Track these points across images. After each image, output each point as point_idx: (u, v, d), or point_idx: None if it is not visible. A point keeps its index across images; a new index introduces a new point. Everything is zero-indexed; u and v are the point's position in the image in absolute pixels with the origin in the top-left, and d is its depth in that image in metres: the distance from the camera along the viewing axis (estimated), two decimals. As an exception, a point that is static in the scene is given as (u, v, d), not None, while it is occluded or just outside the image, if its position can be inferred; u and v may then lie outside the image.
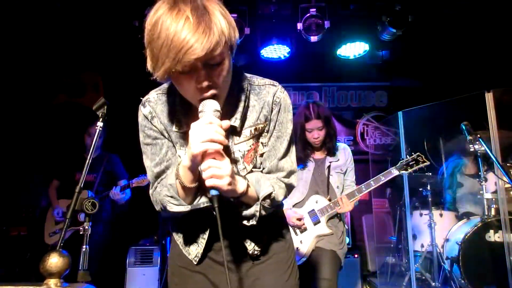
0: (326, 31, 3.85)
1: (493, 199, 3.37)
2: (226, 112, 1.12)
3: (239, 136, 1.17)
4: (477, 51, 4.35)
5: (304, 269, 2.44)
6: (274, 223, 1.32)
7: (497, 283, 3.07)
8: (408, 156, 2.53)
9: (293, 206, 2.58)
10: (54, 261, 0.85)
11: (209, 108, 1.00)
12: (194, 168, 1.05)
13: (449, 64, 4.66)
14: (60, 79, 5.00)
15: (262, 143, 1.21)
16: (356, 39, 4.34)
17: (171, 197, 1.11)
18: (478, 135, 2.76)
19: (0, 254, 3.80)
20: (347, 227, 2.66)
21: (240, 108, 1.15)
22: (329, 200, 2.50)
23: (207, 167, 0.98)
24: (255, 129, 1.18)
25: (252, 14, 3.97)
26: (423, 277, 3.73)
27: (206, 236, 1.23)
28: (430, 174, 3.80)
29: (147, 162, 1.22)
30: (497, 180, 3.27)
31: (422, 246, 3.87)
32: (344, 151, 2.64)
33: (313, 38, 3.90)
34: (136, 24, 3.84)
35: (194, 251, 1.25)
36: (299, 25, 3.87)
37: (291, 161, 1.25)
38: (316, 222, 2.48)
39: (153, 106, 1.19)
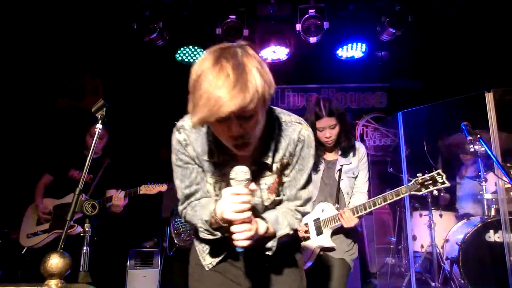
0: (325, 32, 3.86)
1: (493, 199, 3.37)
2: (259, 151, 1.25)
3: (269, 171, 1.30)
4: (477, 51, 4.36)
5: (311, 276, 2.31)
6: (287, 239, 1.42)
7: (497, 283, 3.06)
8: (426, 173, 2.17)
9: None
10: (55, 262, 0.85)
11: (240, 177, 1.12)
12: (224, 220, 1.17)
13: (449, 65, 4.67)
14: (60, 83, 5.00)
15: (284, 174, 1.32)
16: (355, 40, 4.36)
17: (206, 230, 1.26)
18: (479, 135, 2.76)
19: (1, 257, 3.78)
20: (360, 229, 2.49)
21: (272, 147, 1.27)
22: (337, 209, 2.33)
23: (237, 231, 1.12)
24: (281, 164, 1.29)
25: (251, 15, 3.98)
26: (423, 278, 3.73)
27: (223, 253, 1.38)
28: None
29: (177, 182, 1.34)
30: (497, 180, 3.27)
31: (422, 246, 3.87)
32: (358, 152, 2.42)
33: (312, 39, 3.91)
34: (134, 26, 3.85)
35: (209, 259, 1.40)
36: (298, 26, 3.88)
37: (308, 190, 1.38)
38: (319, 233, 2.32)
39: (188, 134, 1.28)
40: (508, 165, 3.26)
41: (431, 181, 2.12)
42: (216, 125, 1.09)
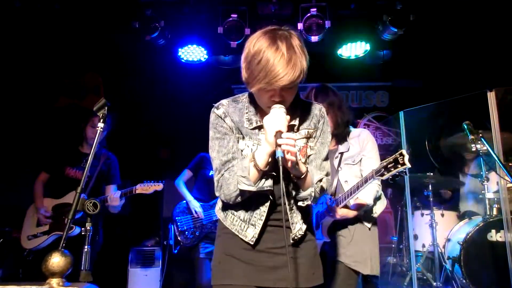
0: (327, 31, 3.85)
1: (495, 199, 3.37)
2: (289, 112, 1.44)
3: (296, 133, 1.50)
4: (479, 50, 4.34)
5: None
6: (309, 221, 1.59)
7: (498, 283, 3.06)
8: (387, 156, 1.90)
9: None
10: (56, 260, 0.86)
11: (278, 106, 1.35)
12: (269, 151, 1.34)
13: (451, 64, 4.65)
14: (61, 81, 5.00)
15: (310, 146, 1.52)
16: (357, 39, 4.33)
17: (244, 177, 1.37)
18: (480, 135, 2.75)
19: (2, 256, 3.78)
20: (369, 226, 2.26)
21: (297, 114, 1.51)
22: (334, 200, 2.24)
23: (285, 138, 1.28)
24: (308, 132, 1.52)
25: (252, 14, 3.97)
26: (424, 277, 3.73)
27: (263, 218, 1.45)
28: (432, 174, 3.79)
29: (214, 154, 1.48)
30: (499, 180, 3.26)
31: (424, 246, 3.87)
32: (358, 139, 2.27)
33: (314, 38, 3.90)
34: (136, 25, 3.85)
35: (251, 233, 1.46)
36: (300, 25, 3.87)
37: (328, 163, 1.58)
38: (317, 226, 2.26)
39: (226, 108, 1.50)
40: (510, 164, 3.24)
41: (393, 163, 1.83)
42: (262, 92, 1.34)
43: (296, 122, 1.50)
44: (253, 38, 1.36)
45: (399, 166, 1.80)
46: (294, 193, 1.48)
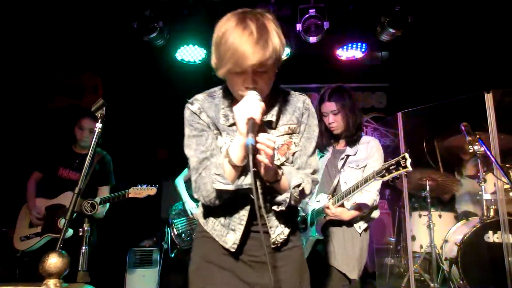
0: (325, 32, 3.86)
1: (492, 200, 3.37)
2: (266, 110, 1.33)
3: (275, 130, 1.38)
4: (476, 52, 4.36)
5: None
6: (293, 224, 1.47)
7: (495, 284, 3.06)
8: (390, 159, 2.00)
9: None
10: (54, 261, 0.85)
11: (251, 92, 1.23)
12: (243, 143, 1.20)
13: (449, 65, 4.67)
14: (58, 81, 4.98)
15: (294, 142, 1.40)
16: (355, 40, 4.35)
17: (219, 175, 1.26)
18: (478, 136, 2.76)
19: (-1, 256, 3.76)
20: (360, 232, 2.28)
21: (276, 107, 1.38)
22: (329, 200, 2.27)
23: (264, 138, 1.17)
24: (289, 128, 1.39)
25: (251, 15, 3.97)
26: (422, 278, 3.73)
27: (243, 222, 1.35)
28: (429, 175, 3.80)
29: (190, 152, 1.37)
30: (496, 181, 3.27)
31: (421, 247, 3.87)
32: (367, 146, 2.31)
33: (312, 39, 3.91)
34: (135, 26, 3.84)
35: (232, 238, 1.36)
36: (298, 26, 3.88)
37: (316, 160, 1.46)
38: (312, 223, 2.31)
39: (201, 104, 1.40)
40: (507, 165, 3.26)
41: (395, 166, 1.91)
42: (234, 77, 1.24)
43: (273, 118, 1.37)
44: (222, 20, 1.25)
45: (401, 168, 1.87)
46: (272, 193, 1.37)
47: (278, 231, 1.40)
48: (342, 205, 2.21)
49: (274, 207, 1.36)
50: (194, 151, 1.36)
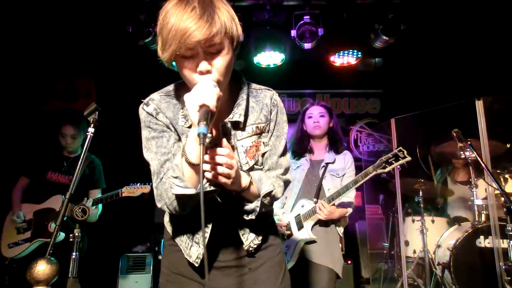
0: (320, 38, 3.89)
1: (484, 205, 3.40)
2: (230, 108, 1.24)
3: (243, 131, 1.26)
4: (468, 59, 4.42)
5: (297, 282, 2.36)
6: (267, 225, 1.38)
7: (487, 288, 3.09)
8: (388, 153, 2.26)
9: (291, 211, 2.52)
10: (42, 268, 0.84)
11: (205, 77, 1.08)
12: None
13: (441, 72, 4.73)
14: (53, 84, 4.96)
15: (263, 142, 1.29)
16: (349, 46, 4.39)
17: (176, 177, 1.11)
18: (469, 142, 2.79)
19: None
20: (341, 235, 2.52)
21: (243, 106, 1.24)
22: (315, 203, 2.42)
23: (218, 154, 1.07)
24: (257, 127, 1.28)
25: (246, 21, 4.00)
26: (415, 283, 3.74)
27: (207, 235, 1.23)
28: (422, 180, 3.83)
29: (151, 155, 1.23)
30: (487, 187, 3.30)
31: (415, 252, 3.89)
32: (344, 156, 2.57)
33: (307, 45, 3.94)
34: (129, 30, 3.85)
35: (195, 252, 1.26)
36: (293, 32, 3.90)
37: (287, 159, 1.38)
38: (300, 227, 2.40)
39: (157, 104, 1.26)
40: (498, 171, 3.29)
41: (393, 158, 2.18)
42: (183, 62, 1.09)
43: (241, 118, 1.23)
44: (165, 4, 1.10)
45: (401, 159, 2.16)
46: (239, 203, 1.26)
47: (251, 237, 1.31)
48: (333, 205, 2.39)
49: (244, 216, 1.26)
50: (154, 153, 1.22)
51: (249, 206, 1.24)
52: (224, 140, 1.13)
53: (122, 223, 4.32)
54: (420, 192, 3.84)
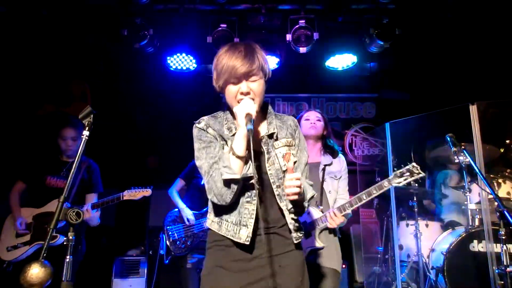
0: (315, 42, 3.92)
1: (477, 210, 3.43)
2: (265, 127, 1.67)
3: (277, 141, 1.65)
4: (462, 65, 4.47)
5: None
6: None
7: (480, 292, 3.10)
8: (402, 167, 2.35)
9: None
10: (35, 272, 0.84)
11: (246, 97, 1.53)
12: (243, 134, 1.46)
13: (435, 77, 4.77)
14: (47, 88, 4.92)
15: (293, 154, 1.65)
16: (344, 51, 4.42)
17: (225, 166, 1.46)
18: (463, 147, 2.81)
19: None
20: (339, 236, 2.59)
21: (274, 122, 1.69)
22: (322, 211, 2.45)
23: (289, 179, 1.44)
24: (287, 141, 1.66)
25: (242, 25, 4.01)
26: (409, 287, 3.76)
27: (253, 217, 1.52)
28: (416, 185, 3.85)
29: (202, 161, 1.57)
30: (480, 191, 3.33)
31: (409, 256, 3.90)
32: (339, 159, 2.66)
33: (302, 49, 3.96)
34: (125, 33, 3.84)
35: (245, 233, 1.52)
36: (288, 36, 3.93)
37: (307, 167, 1.75)
38: (308, 235, 2.41)
39: (207, 121, 1.65)
40: (491, 176, 3.32)
41: (408, 173, 2.29)
42: (230, 87, 1.54)
43: (275, 130, 1.66)
44: (220, 50, 1.59)
45: (415, 174, 2.27)
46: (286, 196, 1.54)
47: (297, 228, 1.61)
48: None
49: (292, 216, 1.59)
50: (205, 159, 1.56)
51: (297, 209, 1.59)
52: (291, 165, 1.53)
53: (117, 227, 4.30)
54: (415, 197, 3.86)
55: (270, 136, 1.65)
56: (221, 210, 1.58)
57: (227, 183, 1.46)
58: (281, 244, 1.58)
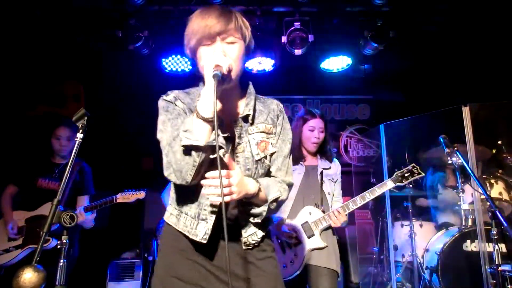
0: (310, 44, 3.93)
1: (470, 210, 3.46)
2: (240, 106, 1.41)
3: (253, 126, 1.40)
4: (455, 67, 4.51)
5: (301, 285, 2.44)
6: (266, 232, 1.44)
7: (474, 291, 3.13)
8: (403, 167, 2.49)
9: (288, 216, 2.53)
10: (28, 276, 0.83)
11: (219, 49, 1.27)
12: (212, 94, 1.14)
13: (429, 79, 4.81)
14: (40, 89, 4.89)
15: (271, 143, 1.42)
16: (339, 53, 4.44)
17: (186, 131, 1.18)
18: (456, 148, 2.83)
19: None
20: (337, 237, 2.62)
21: (251, 104, 1.41)
22: (323, 211, 2.47)
23: (210, 177, 1.18)
24: (265, 127, 1.42)
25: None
26: (404, 287, 3.78)
27: (216, 210, 1.30)
28: (411, 185, 3.87)
29: (164, 134, 1.30)
30: (473, 192, 3.36)
31: (403, 256, 3.93)
32: (335, 163, 2.69)
33: (297, 51, 3.97)
34: (119, 34, 3.83)
35: (203, 229, 1.30)
36: (284, 38, 3.93)
37: (291, 161, 1.51)
38: (310, 235, 2.44)
39: (176, 94, 1.41)
40: (484, 176, 3.36)
41: (409, 173, 2.44)
42: (204, 50, 1.29)
43: (250, 112, 1.39)
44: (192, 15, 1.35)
45: (415, 174, 2.44)
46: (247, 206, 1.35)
47: (251, 231, 1.37)
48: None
49: (251, 219, 1.36)
50: (168, 132, 1.30)
51: (256, 210, 1.34)
52: (224, 157, 1.22)
53: (111, 229, 4.27)
54: (409, 197, 3.89)
55: (245, 119, 1.38)
56: (182, 201, 1.36)
57: (188, 152, 1.18)
58: (242, 242, 1.36)
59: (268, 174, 1.45)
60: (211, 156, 1.21)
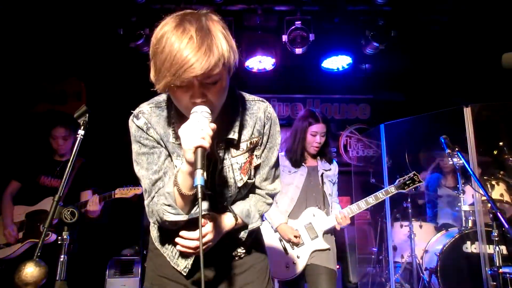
0: (311, 43, 3.92)
1: (470, 211, 3.46)
2: (224, 127, 1.21)
3: (237, 149, 1.26)
4: (457, 67, 4.51)
5: (300, 285, 2.48)
6: (253, 238, 1.42)
7: (473, 293, 3.13)
8: (405, 175, 2.66)
9: (289, 216, 2.54)
10: (30, 270, 0.83)
11: (199, 109, 1.04)
12: (192, 172, 1.04)
13: (430, 79, 4.81)
14: (42, 86, 4.88)
15: (256, 155, 1.30)
16: (340, 52, 4.43)
17: (169, 205, 1.13)
18: (457, 149, 2.83)
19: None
20: (334, 237, 2.68)
21: (237, 123, 1.23)
22: (326, 213, 2.51)
23: (184, 237, 1.16)
24: (250, 143, 1.27)
25: (237, 26, 4.01)
26: (403, 288, 3.78)
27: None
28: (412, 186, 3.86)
29: (142, 172, 1.22)
30: (474, 193, 3.36)
31: (402, 257, 3.93)
32: (333, 165, 2.73)
33: (298, 50, 3.96)
34: (120, 32, 3.82)
35: (184, 262, 1.29)
36: (284, 37, 3.93)
37: (278, 169, 1.41)
38: (314, 237, 2.48)
39: (148, 118, 1.22)
40: (485, 177, 3.35)
41: (410, 181, 2.63)
42: (177, 92, 1.04)
43: (235, 136, 1.21)
44: (160, 24, 1.04)
45: (416, 182, 2.64)
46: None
47: (235, 247, 1.37)
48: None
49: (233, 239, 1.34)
50: (145, 170, 1.21)
51: (237, 235, 1.32)
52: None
53: (111, 226, 4.26)
54: (408, 198, 3.89)
55: (230, 142, 1.23)
56: (163, 240, 1.35)
57: (172, 222, 1.16)
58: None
59: (252, 187, 1.37)
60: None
